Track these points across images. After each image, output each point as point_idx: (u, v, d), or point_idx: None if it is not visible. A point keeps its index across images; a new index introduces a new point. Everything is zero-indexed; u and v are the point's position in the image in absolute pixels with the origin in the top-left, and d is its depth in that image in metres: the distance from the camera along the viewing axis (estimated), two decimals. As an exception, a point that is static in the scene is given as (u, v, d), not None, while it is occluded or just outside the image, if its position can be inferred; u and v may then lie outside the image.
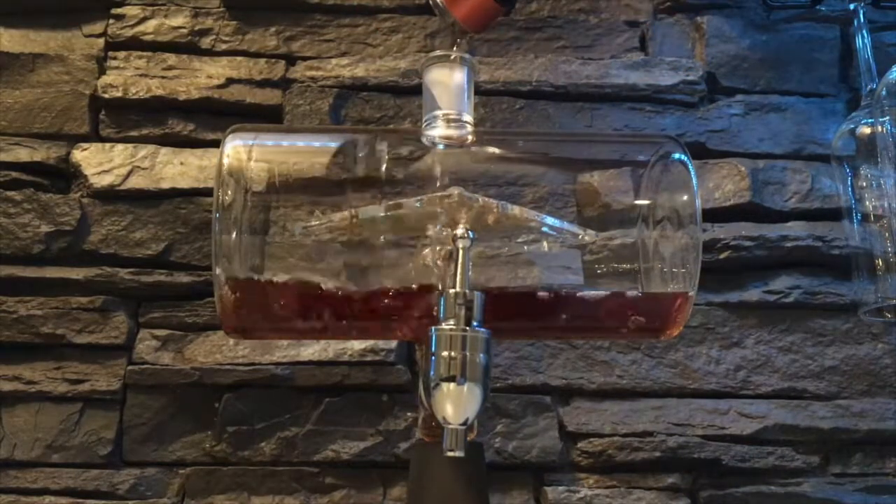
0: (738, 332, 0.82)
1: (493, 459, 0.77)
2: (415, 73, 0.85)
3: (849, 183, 0.82)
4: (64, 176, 0.83)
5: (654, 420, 0.79)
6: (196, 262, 0.80)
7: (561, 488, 0.77)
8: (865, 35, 0.84)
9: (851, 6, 0.85)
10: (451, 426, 0.50)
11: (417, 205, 0.57)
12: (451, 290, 0.52)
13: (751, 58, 0.90)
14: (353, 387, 0.78)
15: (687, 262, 0.61)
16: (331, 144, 0.66)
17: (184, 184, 0.82)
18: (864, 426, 0.80)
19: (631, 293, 0.62)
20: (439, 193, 0.57)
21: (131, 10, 0.87)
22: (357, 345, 0.78)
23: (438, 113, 0.62)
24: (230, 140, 0.61)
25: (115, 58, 0.87)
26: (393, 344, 0.78)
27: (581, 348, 0.81)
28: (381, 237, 0.61)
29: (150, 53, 0.87)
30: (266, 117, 0.86)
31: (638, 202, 0.64)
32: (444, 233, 0.58)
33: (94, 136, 0.84)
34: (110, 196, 0.82)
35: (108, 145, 0.83)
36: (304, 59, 0.87)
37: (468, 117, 0.62)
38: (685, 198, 0.62)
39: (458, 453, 0.49)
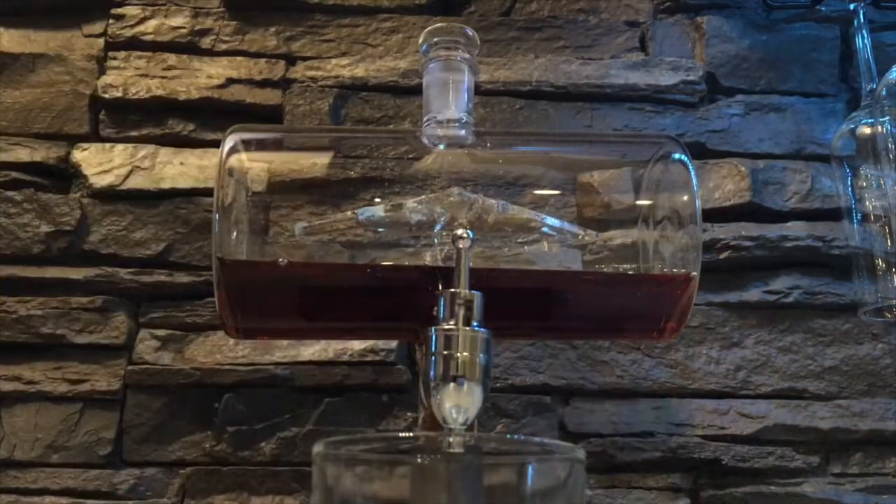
0: (738, 332, 0.82)
1: (493, 459, 0.77)
2: (415, 73, 0.85)
3: (849, 183, 0.82)
4: (64, 176, 0.83)
5: (654, 420, 0.79)
6: (196, 262, 0.80)
7: (561, 488, 0.77)
8: (865, 35, 0.84)
9: (851, 6, 0.85)
10: (451, 426, 0.50)
11: (417, 205, 0.57)
12: (451, 290, 0.52)
13: (751, 58, 0.90)
14: (354, 387, 0.78)
15: (687, 263, 0.61)
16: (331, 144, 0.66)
17: (184, 184, 0.82)
18: (864, 426, 0.80)
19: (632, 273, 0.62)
20: (439, 193, 0.57)
21: (131, 10, 0.87)
22: (357, 345, 0.78)
23: (438, 113, 0.62)
24: (230, 140, 0.60)
25: (115, 58, 0.86)
26: (393, 344, 0.78)
27: (581, 348, 0.81)
28: (381, 237, 0.61)
29: (150, 53, 0.86)
30: (266, 117, 0.85)
31: (638, 202, 0.64)
32: (444, 233, 0.58)
33: (94, 136, 0.84)
34: (110, 196, 0.82)
35: (108, 145, 0.83)
36: (304, 59, 0.87)
37: (468, 117, 0.62)
38: (685, 198, 0.62)
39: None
